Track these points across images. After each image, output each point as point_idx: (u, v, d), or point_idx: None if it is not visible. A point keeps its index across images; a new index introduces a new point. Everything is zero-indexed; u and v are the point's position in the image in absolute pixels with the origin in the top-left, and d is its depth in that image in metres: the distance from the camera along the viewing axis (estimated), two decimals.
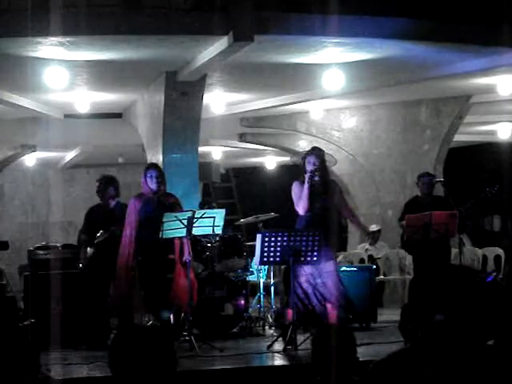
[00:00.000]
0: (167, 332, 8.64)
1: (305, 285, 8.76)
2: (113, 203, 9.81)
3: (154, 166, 9.64)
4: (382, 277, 13.08)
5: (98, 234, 9.60)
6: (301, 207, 8.88)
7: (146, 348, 2.95)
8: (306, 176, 8.80)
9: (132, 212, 9.24)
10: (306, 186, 8.79)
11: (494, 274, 10.21)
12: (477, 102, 14.45)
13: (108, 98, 12.99)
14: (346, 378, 4.23)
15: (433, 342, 1.95)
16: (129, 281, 9.27)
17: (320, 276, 8.74)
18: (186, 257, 9.03)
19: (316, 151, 9.01)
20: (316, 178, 8.87)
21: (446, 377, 2.02)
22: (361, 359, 4.51)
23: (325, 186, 8.95)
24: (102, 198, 9.85)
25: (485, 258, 13.55)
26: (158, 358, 2.94)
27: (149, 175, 9.24)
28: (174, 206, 9.31)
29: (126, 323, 8.98)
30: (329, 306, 8.71)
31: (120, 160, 19.09)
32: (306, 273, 8.74)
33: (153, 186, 9.20)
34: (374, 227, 14.44)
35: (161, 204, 9.23)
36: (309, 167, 8.82)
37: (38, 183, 20.61)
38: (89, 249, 9.70)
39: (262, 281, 10.63)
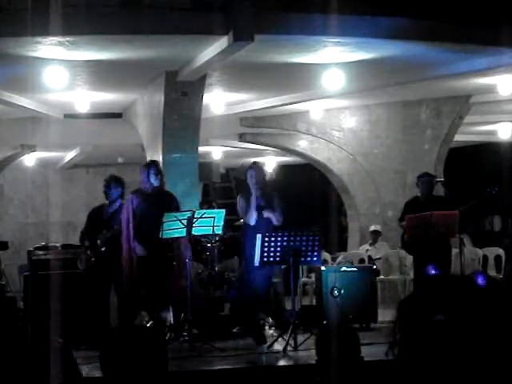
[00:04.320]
0: (159, 332, 8.64)
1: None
2: (117, 204, 9.84)
3: (156, 163, 9.91)
4: (381, 277, 13.06)
5: (101, 234, 9.61)
6: (248, 218, 9.24)
7: (137, 348, 2.93)
8: (253, 189, 9.22)
9: (130, 208, 9.36)
10: (254, 199, 9.18)
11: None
12: (477, 101, 14.45)
13: (108, 97, 12.98)
14: (352, 377, 4.21)
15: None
16: (130, 279, 9.31)
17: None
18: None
19: (257, 166, 9.58)
20: (258, 192, 9.25)
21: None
22: None
23: (266, 199, 9.28)
24: (108, 198, 9.90)
25: (485, 258, 13.55)
26: (148, 359, 2.92)
27: (152, 172, 9.51)
28: (172, 203, 9.42)
29: (125, 323, 8.96)
30: None
31: (120, 160, 19.06)
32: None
33: (155, 182, 9.46)
34: (373, 228, 14.46)
35: (159, 201, 9.34)
36: (251, 181, 9.25)
37: (37, 183, 20.56)
38: (89, 251, 9.68)
39: None
